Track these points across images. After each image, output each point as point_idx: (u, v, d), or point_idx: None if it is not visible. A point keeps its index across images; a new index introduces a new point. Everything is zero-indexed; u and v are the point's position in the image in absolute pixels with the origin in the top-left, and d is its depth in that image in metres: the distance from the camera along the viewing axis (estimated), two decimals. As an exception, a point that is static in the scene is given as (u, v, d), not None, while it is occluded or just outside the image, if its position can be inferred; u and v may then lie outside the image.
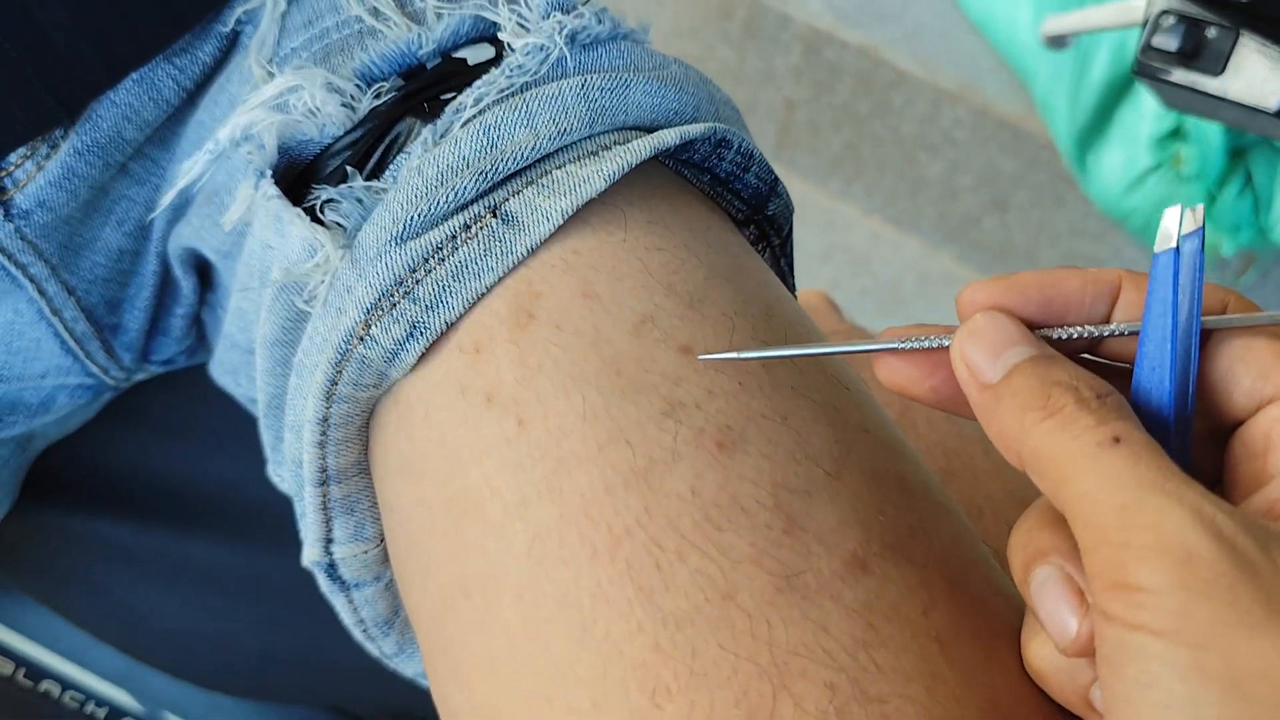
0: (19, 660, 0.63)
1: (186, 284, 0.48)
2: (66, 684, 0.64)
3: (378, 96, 0.37)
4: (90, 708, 0.64)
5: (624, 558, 0.29)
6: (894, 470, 0.32)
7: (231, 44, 0.43)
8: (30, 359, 0.47)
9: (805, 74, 1.40)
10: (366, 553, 0.38)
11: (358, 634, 0.41)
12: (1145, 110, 1.19)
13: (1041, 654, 0.29)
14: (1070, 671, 0.28)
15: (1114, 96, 1.21)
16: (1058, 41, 0.76)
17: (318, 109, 0.36)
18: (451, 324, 0.33)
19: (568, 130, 0.35)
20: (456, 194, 0.34)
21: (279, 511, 0.58)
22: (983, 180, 1.36)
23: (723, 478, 0.30)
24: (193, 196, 0.44)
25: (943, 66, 1.34)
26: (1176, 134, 1.18)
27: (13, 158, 0.41)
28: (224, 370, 0.47)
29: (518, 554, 0.30)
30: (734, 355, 0.31)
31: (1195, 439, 0.28)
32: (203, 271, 0.48)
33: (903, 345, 0.30)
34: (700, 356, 0.31)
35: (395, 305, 0.33)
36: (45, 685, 0.63)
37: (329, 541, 0.38)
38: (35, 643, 0.63)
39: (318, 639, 0.61)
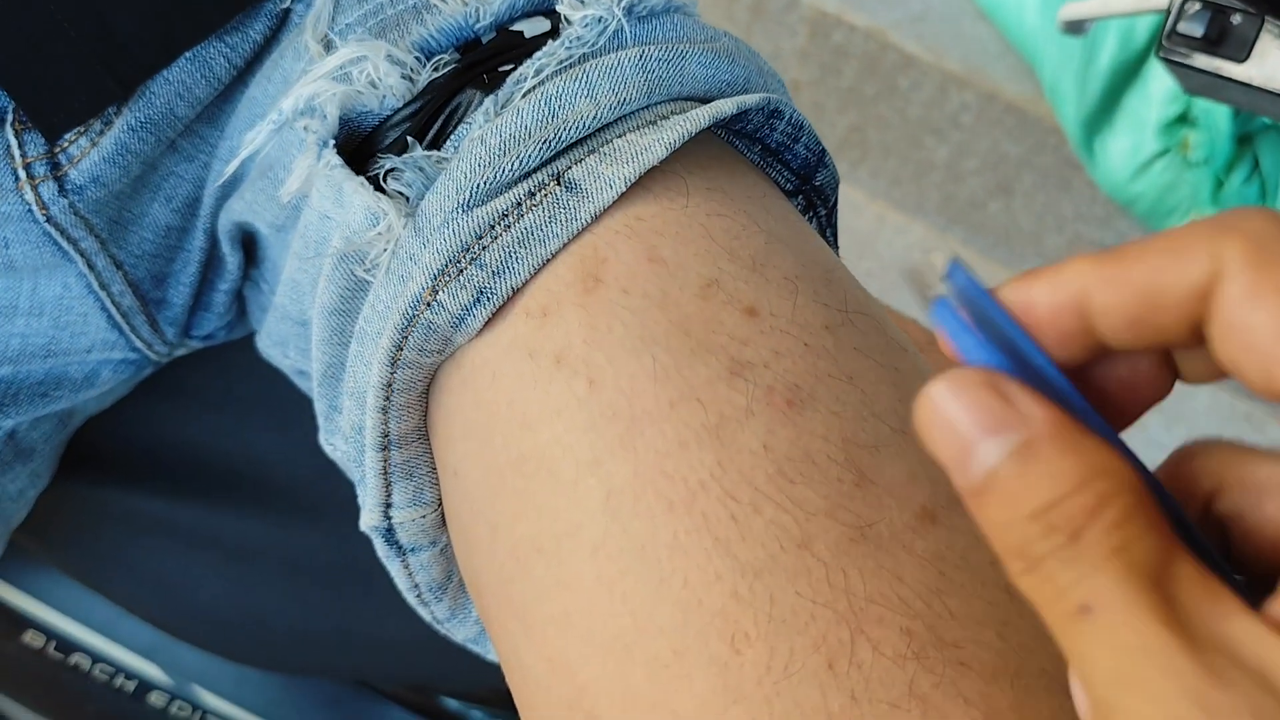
0: (50, 634, 0.63)
1: (232, 260, 0.48)
2: (96, 657, 0.64)
3: (436, 69, 0.38)
4: (119, 681, 0.64)
5: (700, 510, 0.30)
6: None
7: (282, 21, 0.43)
8: (77, 333, 0.48)
9: (811, 56, 1.41)
10: (424, 517, 0.39)
11: (411, 599, 0.42)
12: (1153, 96, 1.19)
13: None
14: None
15: (1121, 82, 1.22)
16: (1075, 27, 0.76)
17: (380, 80, 0.37)
18: (518, 289, 0.34)
19: (627, 100, 0.36)
20: (520, 162, 0.34)
21: (312, 486, 0.59)
22: (988, 164, 1.37)
23: (794, 434, 0.31)
24: (245, 172, 0.44)
25: (950, 50, 1.35)
26: (1184, 119, 1.19)
27: (67, 134, 0.42)
28: (272, 342, 0.48)
29: (592, 509, 0.31)
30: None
31: None
32: (247, 247, 0.49)
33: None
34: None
35: (462, 271, 0.34)
36: (75, 658, 0.64)
37: (388, 506, 0.38)
38: (66, 616, 0.64)
39: (347, 614, 0.61)
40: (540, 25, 0.39)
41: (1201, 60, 0.58)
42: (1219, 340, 0.21)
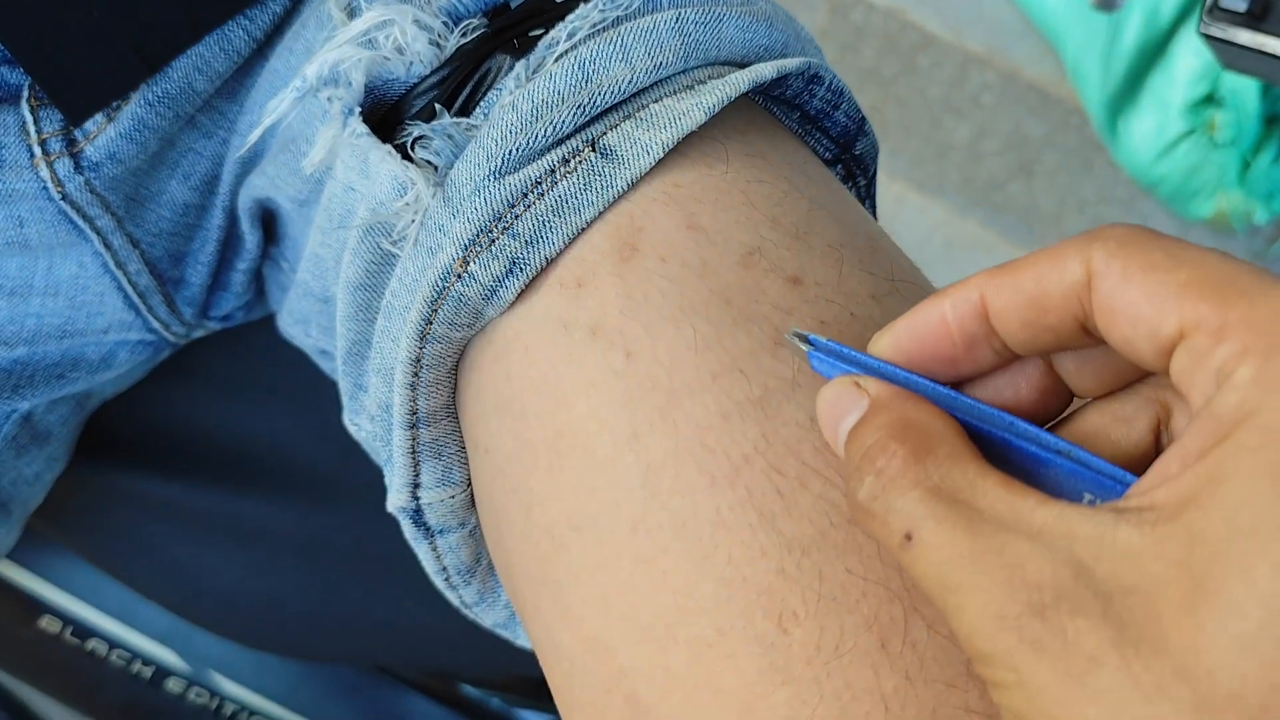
0: (66, 619, 0.63)
1: (251, 238, 0.47)
2: (113, 643, 0.63)
3: (464, 34, 0.37)
4: (136, 666, 0.64)
5: (744, 485, 0.29)
6: None
7: None
8: (94, 314, 0.47)
9: (831, 35, 1.39)
10: (453, 498, 0.38)
11: (439, 582, 0.41)
12: (1178, 76, 1.18)
13: None
14: None
15: (1146, 61, 1.20)
16: (1107, 4, 0.75)
17: (406, 46, 0.36)
18: (552, 259, 0.33)
19: (663, 64, 0.34)
20: (554, 128, 0.33)
21: (329, 470, 0.58)
22: (1009, 145, 1.35)
23: None
24: (266, 147, 0.43)
25: (970, 29, 1.33)
26: (1210, 100, 1.17)
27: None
28: (293, 321, 0.47)
29: (630, 486, 0.30)
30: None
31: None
32: (267, 225, 0.48)
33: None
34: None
35: (494, 241, 0.33)
36: (92, 644, 0.63)
37: (416, 486, 0.37)
38: (83, 601, 0.63)
39: (365, 599, 0.61)
40: None
41: (1244, 36, 0.57)
42: (1107, 327, 0.24)
